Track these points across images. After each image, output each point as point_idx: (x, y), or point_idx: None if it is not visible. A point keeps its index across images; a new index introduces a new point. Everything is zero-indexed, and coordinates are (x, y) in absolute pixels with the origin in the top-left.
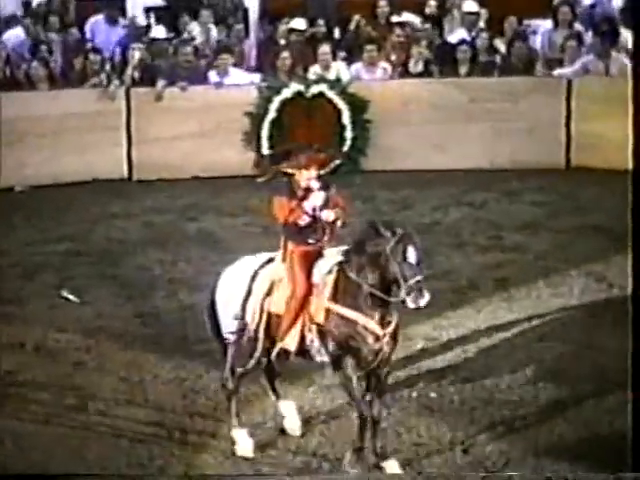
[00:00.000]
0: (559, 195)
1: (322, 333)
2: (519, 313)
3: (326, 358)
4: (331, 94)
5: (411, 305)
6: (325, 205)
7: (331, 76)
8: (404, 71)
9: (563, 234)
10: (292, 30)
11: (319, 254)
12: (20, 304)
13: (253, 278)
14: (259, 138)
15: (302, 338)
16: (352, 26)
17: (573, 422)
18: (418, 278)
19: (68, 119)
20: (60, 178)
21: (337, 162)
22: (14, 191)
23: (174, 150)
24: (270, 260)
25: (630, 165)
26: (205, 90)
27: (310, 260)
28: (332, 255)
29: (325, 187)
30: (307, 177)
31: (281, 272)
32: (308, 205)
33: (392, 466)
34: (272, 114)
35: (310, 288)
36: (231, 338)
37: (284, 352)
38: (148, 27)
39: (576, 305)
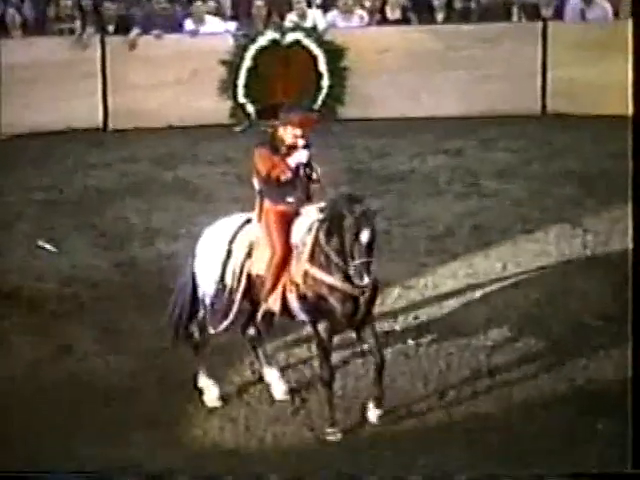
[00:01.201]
0: (535, 142)
1: (301, 294)
2: (495, 260)
3: (305, 318)
4: (307, 42)
5: (355, 281)
6: (309, 164)
7: (307, 24)
8: (382, 19)
9: (539, 180)
10: None
11: (296, 213)
12: None
13: (232, 240)
14: (235, 87)
15: (284, 299)
16: None
17: (550, 368)
18: (363, 260)
19: (42, 67)
20: (35, 127)
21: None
22: None
23: (150, 99)
24: (248, 221)
25: (630, 111)
26: (180, 38)
27: (287, 220)
28: (310, 213)
29: (309, 145)
30: (293, 134)
31: (259, 233)
32: (292, 161)
33: (373, 415)
34: (248, 62)
35: (289, 249)
36: (208, 299)
37: (269, 313)
38: None
39: (552, 251)
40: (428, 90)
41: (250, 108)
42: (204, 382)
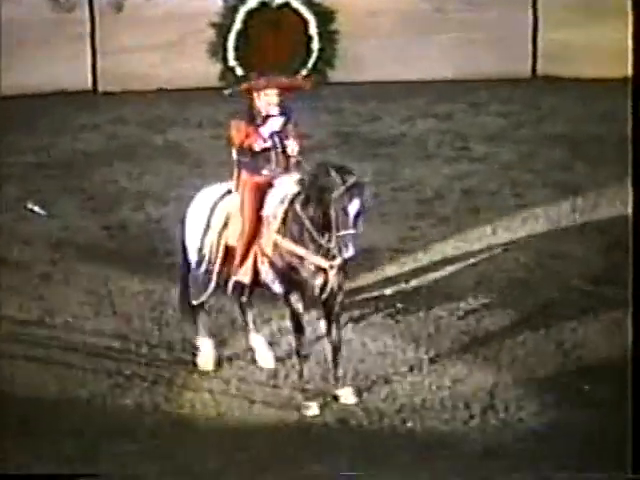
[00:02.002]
0: (525, 105)
1: (273, 265)
2: (485, 223)
3: (279, 289)
4: (297, 4)
5: (335, 254)
6: (283, 131)
7: None
8: None
9: (529, 144)
10: None
11: (270, 184)
12: None
13: (212, 211)
14: (225, 49)
15: (256, 270)
16: None
17: (537, 329)
18: (350, 232)
19: (30, 27)
20: (24, 89)
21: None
22: None
23: (139, 61)
24: (229, 191)
25: (630, 72)
26: (170, 0)
27: (261, 191)
28: (285, 184)
29: (285, 114)
30: (267, 102)
31: (236, 204)
32: (265, 130)
33: (347, 395)
34: (238, 25)
35: (260, 220)
36: (194, 268)
37: (240, 285)
38: None
39: (541, 215)
40: (418, 53)
41: (240, 71)
42: (201, 340)
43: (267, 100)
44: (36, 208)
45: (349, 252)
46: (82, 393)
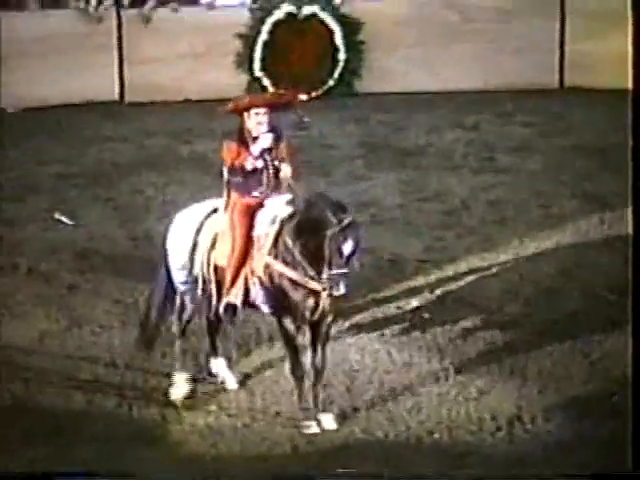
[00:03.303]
0: (552, 116)
1: (263, 287)
2: (511, 234)
3: (268, 310)
4: (323, 15)
5: (327, 291)
6: (275, 152)
7: None
8: None
9: (555, 155)
10: None
11: (260, 205)
12: (12, 226)
13: (198, 230)
14: (251, 60)
15: (247, 291)
16: None
17: (564, 341)
18: (342, 271)
19: (59, 40)
20: (52, 100)
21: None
22: (6, 112)
23: (166, 72)
24: (215, 210)
25: (630, 85)
26: (197, 11)
27: (251, 212)
28: (276, 205)
29: (275, 132)
30: (257, 122)
31: (224, 223)
32: (255, 148)
33: (328, 420)
34: (264, 36)
35: (250, 241)
36: (181, 288)
37: (231, 306)
38: None
39: (568, 225)
40: (445, 63)
41: (266, 82)
42: (177, 375)
43: (257, 120)
44: (63, 218)
45: (340, 290)
46: (109, 403)
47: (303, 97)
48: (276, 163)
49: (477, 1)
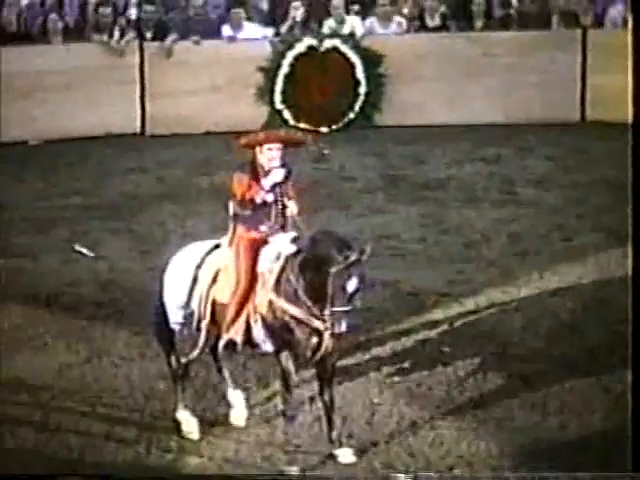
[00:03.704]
0: (573, 149)
1: (266, 324)
2: (532, 267)
3: (270, 348)
4: (344, 48)
5: (328, 327)
6: (284, 188)
7: (346, 30)
8: (420, 26)
9: (577, 189)
10: None
11: (265, 241)
12: (33, 258)
13: (199, 266)
14: (272, 93)
15: (248, 328)
16: None
17: (585, 375)
18: (344, 309)
19: (81, 73)
20: (73, 132)
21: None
22: (28, 145)
23: (187, 105)
24: (217, 246)
25: (630, 118)
26: (218, 44)
27: (256, 248)
28: (280, 242)
29: (286, 167)
30: (269, 157)
31: (227, 259)
32: (267, 182)
33: (346, 455)
34: (285, 69)
35: (255, 278)
36: (177, 327)
37: (231, 343)
38: None
39: (589, 260)
40: (466, 97)
41: (287, 114)
42: (182, 414)
43: (269, 155)
44: (84, 250)
45: (341, 328)
46: (129, 434)
47: (324, 130)
48: (285, 199)
49: (498, 35)
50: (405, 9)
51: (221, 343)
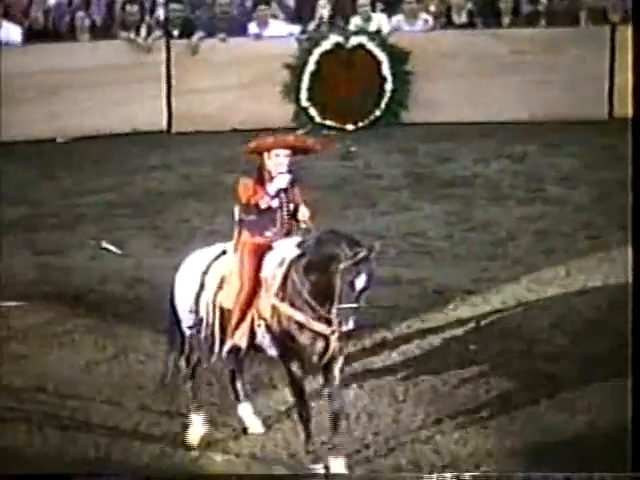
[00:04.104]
0: (600, 147)
1: (270, 329)
2: (558, 265)
3: (275, 353)
4: (371, 45)
5: (334, 326)
6: (291, 193)
7: (372, 28)
8: (447, 22)
9: (603, 186)
10: None
11: (269, 247)
12: (60, 255)
13: (205, 272)
14: (298, 90)
15: (252, 334)
16: None
17: (613, 375)
18: (353, 306)
19: (108, 70)
20: (100, 130)
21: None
22: (56, 142)
23: (213, 102)
24: (224, 252)
25: (630, 112)
26: (244, 42)
27: (260, 253)
28: (285, 247)
29: (293, 172)
30: (276, 163)
31: (232, 265)
32: (272, 187)
33: (338, 466)
34: (311, 66)
35: (259, 283)
36: (188, 332)
37: (236, 348)
38: None
39: (616, 257)
40: (492, 94)
41: (313, 111)
42: (192, 416)
43: (277, 161)
44: (111, 247)
45: (349, 325)
46: (155, 431)
47: (350, 127)
48: (290, 205)
49: (526, 32)
50: (432, 6)
51: (225, 348)
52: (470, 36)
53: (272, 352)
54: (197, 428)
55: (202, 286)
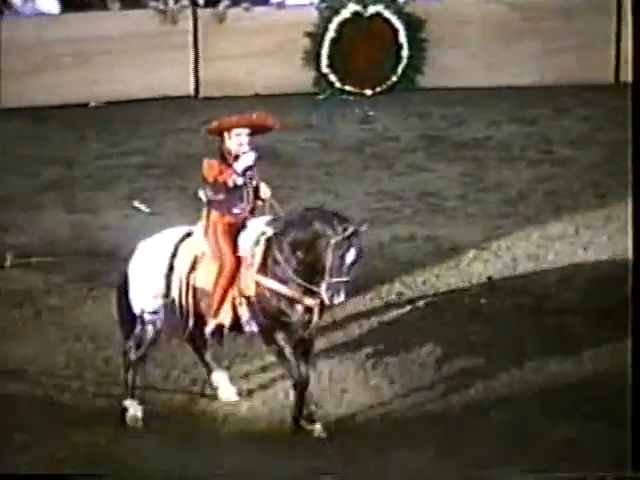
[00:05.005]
0: (607, 110)
1: (252, 306)
2: (567, 223)
3: (255, 329)
4: (388, 13)
5: (325, 300)
6: (254, 170)
7: None
8: None
9: (611, 147)
10: None
11: (242, 226)
12: (95, 213)
13: (174, 254)
14: (319, 57)
15: (234, 312)
16: None
17: (621, 329)
18: (344, 279)
19: (138, 38)
20: (131, 95)
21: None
22: (89, 107)
23: (238, 68)
24: (188, 234)
25: (630, 77)
26: (267, 10)
27: (234, 232)
28: (256, 226)
29: (256, 150)
30: (238, 142)
31: (203, 246)
32: (239, 165)
33: (318, 429)
34: (331, 34)
35: (238, 261)
36: (149, 317)
37: (218, 327)
38: None
39: (623, 214)
40: (505, 60)
41: (333, 77)
42: (128, 402)
43: (238, 140)
44: (142, 206)
45: (340, 298)
46: (186, 381)
47: (368, 92)
48: (253, 182)
49: (537, 1)
50: None
51: (209, 328)
52: (483, 4)
53: (252, 328)
54: (135, 410)
55: (171, 268)
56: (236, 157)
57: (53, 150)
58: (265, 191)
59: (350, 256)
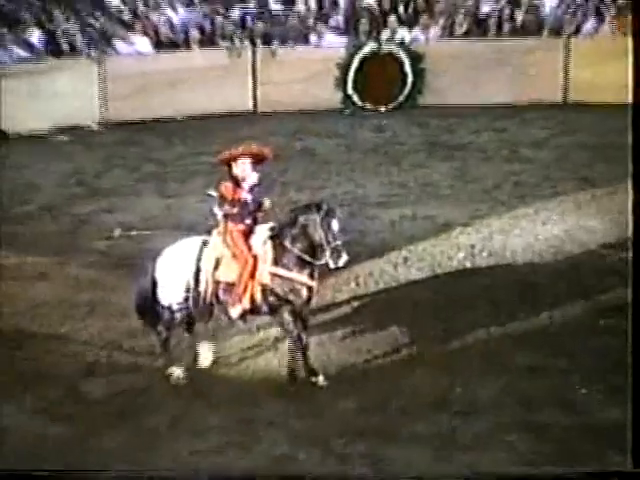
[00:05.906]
0: (559, 122)
1: (266, 291)
2: (529, 206)
3: (266, 308)
4: (397, 51)
5: (332, 265)
6: (258, 185)
7: (398, 38)
8: (451, 33)
9: (562, 149)
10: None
11: (251, 231)
12: (179, 198)
13: (199, 258)
14: (345, 83)
15: (252, 298)
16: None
17: (579, 290)
18: (339, 242)
19: (212, 69)
20: (206, 110)
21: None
22: (175, 120)
23: (286, 91)
24: (205, 242)
25: (630, 99)
26: (307, 48)
27: (246, 236)
28: (262, 230)
29: (259, 173)
30: (242, 169)
31: (222, 249)
32: (247, 184)
33: (321, 380)
34: (355, 65)
35: (255, 259)
36: (177, 307)
37: (243, 311)
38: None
39: (569, 199)
40: (484, 84)
41: (355, 98)
42: (172, 369)
43: (242, 167)
44: (213, 193)
45: (344, 258)
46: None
47: (382, 108)
48: (258, 198)
49: (506, 41)
50: (440, 21)
51: (236, 312)
52: (467, 43)
53: (265, 309)
54: (178, 373)
55: (198, 269)
56: (243, 179)
57: (148, 152)
58: (266, 204)
59: (334, 225)
